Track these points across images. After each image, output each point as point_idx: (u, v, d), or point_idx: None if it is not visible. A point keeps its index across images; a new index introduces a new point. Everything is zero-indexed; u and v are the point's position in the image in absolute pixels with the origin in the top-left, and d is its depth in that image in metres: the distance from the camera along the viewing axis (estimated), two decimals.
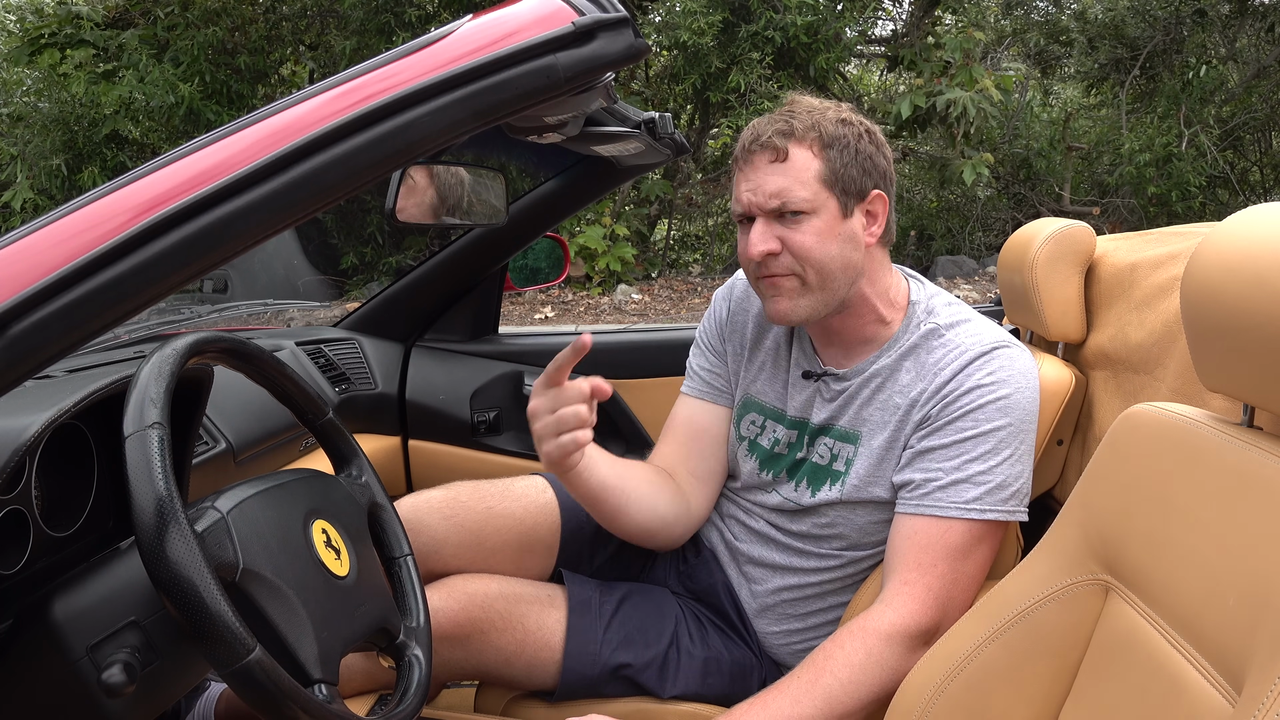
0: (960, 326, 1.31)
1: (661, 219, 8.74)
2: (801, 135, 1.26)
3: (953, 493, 1.24)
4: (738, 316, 1.48)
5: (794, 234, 1.26)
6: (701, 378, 1.51)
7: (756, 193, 1.27)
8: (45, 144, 7.78)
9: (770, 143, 1.26)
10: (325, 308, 3.63)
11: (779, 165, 1.26)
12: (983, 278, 7.94)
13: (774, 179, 1.26)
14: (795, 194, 1.25)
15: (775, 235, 1.27)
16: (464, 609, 1.36)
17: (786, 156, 1.26)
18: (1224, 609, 0.76)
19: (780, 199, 1.25)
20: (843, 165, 1.27)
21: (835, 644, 1.21)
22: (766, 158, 1.27)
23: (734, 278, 1.52)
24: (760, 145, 1.27)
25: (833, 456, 1.35)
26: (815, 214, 1.26)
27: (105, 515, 1.14)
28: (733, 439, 1.47)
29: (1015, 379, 1.26)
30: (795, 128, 1.26)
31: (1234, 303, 0.77)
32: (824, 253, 1.26)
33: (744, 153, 1.29)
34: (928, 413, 1.27)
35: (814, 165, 1.26)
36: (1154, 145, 8.39)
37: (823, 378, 1.37)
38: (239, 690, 0.79)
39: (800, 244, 1.26)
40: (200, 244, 0.75)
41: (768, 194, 1.26)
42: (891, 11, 8.73)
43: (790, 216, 1.26)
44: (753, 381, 1.45)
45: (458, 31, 0.82)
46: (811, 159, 1.26)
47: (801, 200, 1.25)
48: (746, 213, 1.29)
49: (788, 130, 1.26)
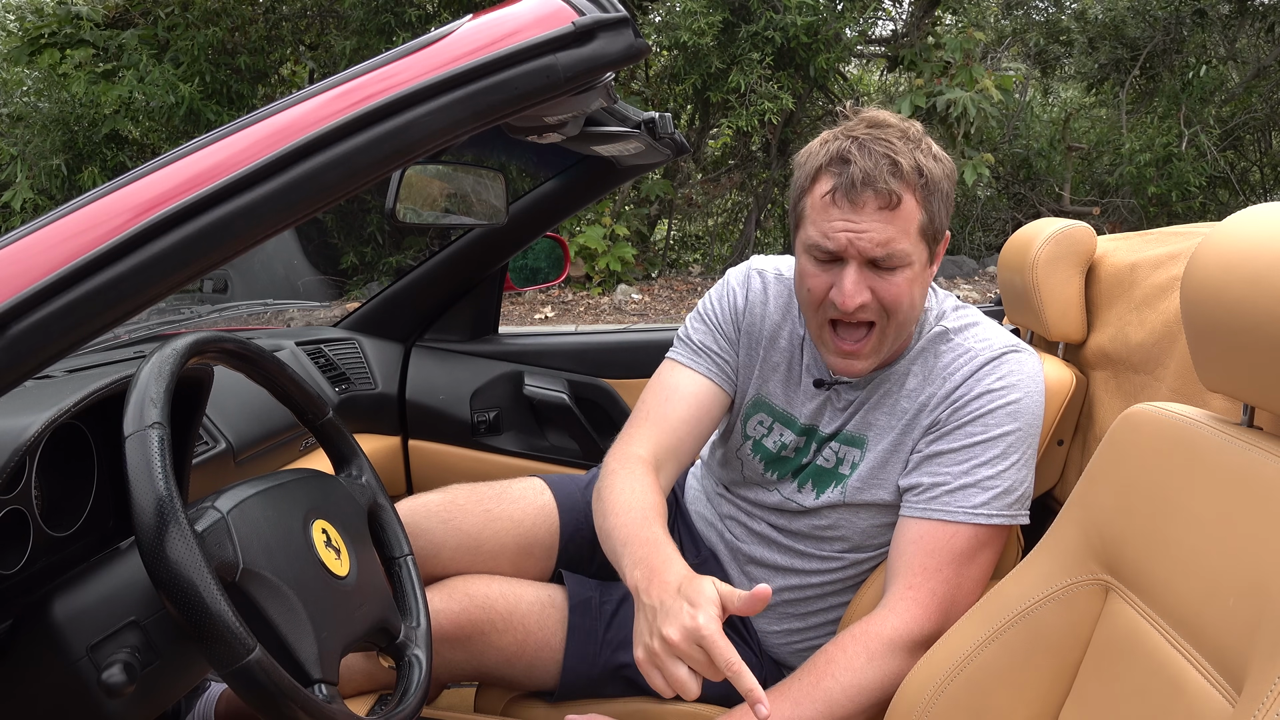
0: (969, 330, 1.30)
1: (661, 219, 8.74)
2: (909, 181, 1.17)
3: (960, 497, 1.23)
4: (755, 310, 1.41)
5: (887, 285, 1.19)
6: (712, 359, 1.41)
7: (862, 238, 1.17)
8: (45, 144, 7.77)
9: (886, 189, 1.16)
10: (325, 308, 3.63)
11: (889, 213, 1.17)
12: (983, 278, 7.94)
13: (883, 228, 1.17)
14: (900, 246, 1.18)
15: (867, 285, 1.20)
16: (464, 610, 1.36)
17: (899, 204, 1.17)
18: (1224, 609, 0.76)
19: (887, 249, 1.17)
20: (936, 213, 1.21)
21: (837, 647, 1.20)
22: (878, 203, 1.16)
23: (748, 268, 1.44)
24: (874, 190, 1.16)
25: (838, 460, 1.35)
26: (909, 266, 1.20)
27: (105, 515, 1.14)
28: (737, 435, 1.45)
29: (1024, 383, 1.26)
30: (903, 169, 1.17)
31: (1234, 303, 0.77)
32: (909, 303, 1.22)
33: (849, 190, 1.17)
34: (937, 417, 1.27)
35: (918, 216, 1.19)
36: (1154, 145, 8.39)
37: (834, 387, 1.35)
38: (239, 690, 0.79)
39: (892, 296, 1.20)
40: (200, 244, 0.75)
41: (875, 242, 1.17)
42: (891, 11, 8.73)
43: (883, 267, 1.19)
44: (765, 382, 1.40)
45: (458, 31, 0.82)
46: (916, 209, 1.19)
47: (904, 254, 1.18)
48: (841, 253, 1.19)
49: (895, 171, 1.16)
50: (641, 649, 1.02)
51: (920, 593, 1.21)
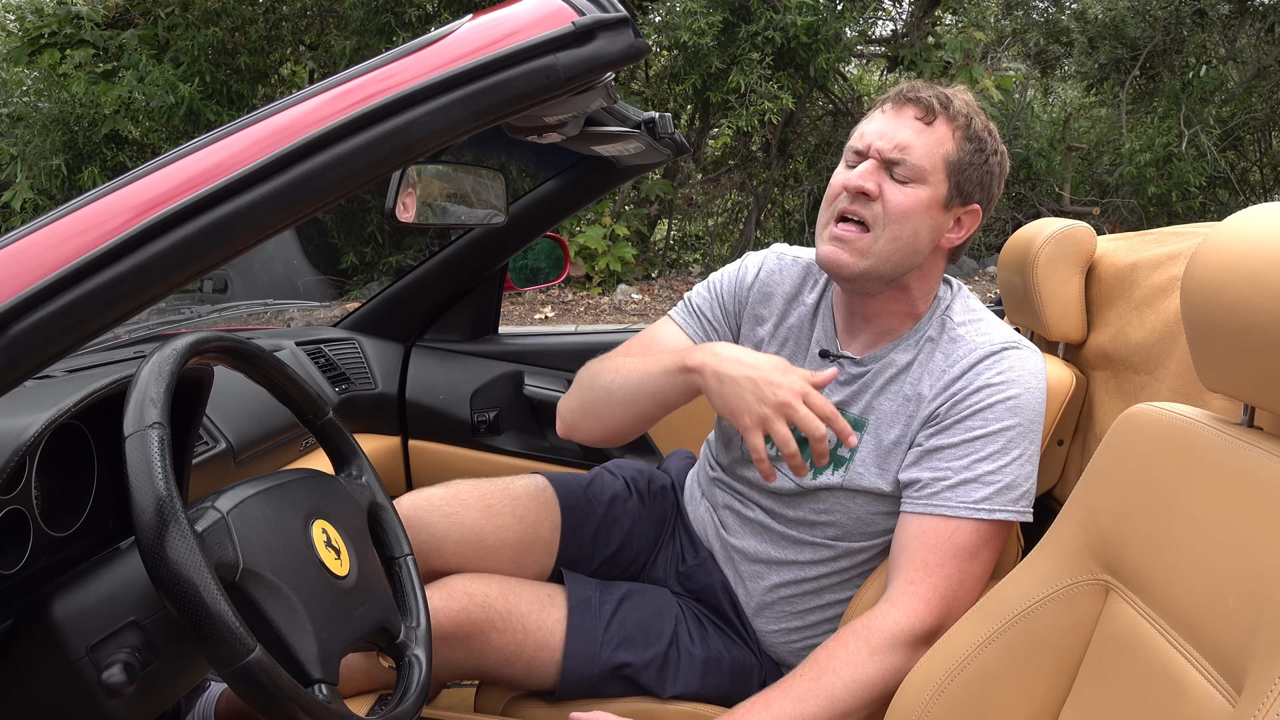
0: (972, 325, 1.31)
1: (661, 219, 8.74)
2: (954, 115, 1.26)
3: (961, 492, 1.23)
4: (767, 287, 1.45)
5: (894, 190, 1.25)
6: (702, 322, 1.47)
7: (883, 136, 1.26)
8: (45, 144, 7.77)
9: (927, 102, 1.25)
10: (325, 308, 3.63)
11: (921, 126, 1.25)
12: (983, 278, 7.94)
13: (909, 134, 1.25)
14: (918, 156, 1.24)
15: (877, 181, 1.25)
16: (464, 609, 1.36)
17: (933, 122, 1.25)
18: (1224, 609, 0.76)
19: (904, 153, 1.24)
20: (969, 163, 1.27)
21: (839, 643, 1.20)
22: (914, 113, 1.26)
23: (768, 250, 1.50)
24: (916, 100, 1.26)
25: (837, 441, 1.35)
26: (923, 185, 1.25)
27: (105, 515, 1.14)
28: None
29: (1025, 379, 1.26)
30: (953, 104, 1.27)
31: (1234, 303, 0.77)
32: (912, 223, 1.26)
33: (897, 98, 1.28)
34: (935, 410, 1.27)
35: (949, 145, 1.26)
36: (1154, 145, 8.39)
37: (838, 360, 1.37)
38: (239, 690, 0.79)
39: (897, 203, 1.25)
40: (200, 244, 0.75)
41: (895, 143, 1.25)
42: (891, 11, 8.73)
43: (900, 175, 1.25)
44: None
45: (458, 31, 0.82)
46: (949, 139, 1.26)
47: (917, 166, 1.24)
48: (864, 150, 1.27)
49: (945, 102, 1.26)
50: (750, 417, 1.19)
51: (922, 588, 1.21)
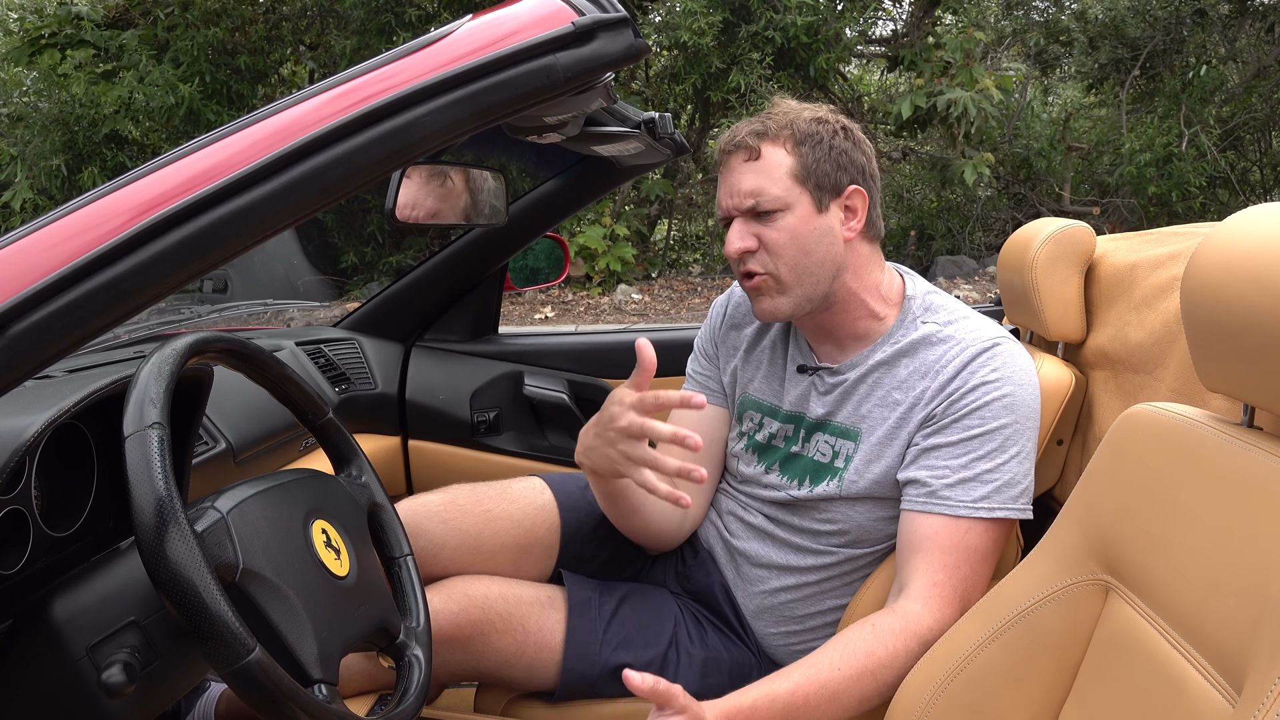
0: (958, 323, 1.31)
1: (661, 219, 8.74)
2: (775, 134, 1.29)
3: (960, 491, 1.23)
4: (734, 319, 1.50)
5: (768, 231, 1.29)
6: (695, 381, 1.54)
7: (731, 194, 1.30)
8: (45, 144, 7.78)
9: (744, 142, 1.30)
10: (325, 308, 3.63)
11: (753, 164, 1.29)
12: (983, 278, 7.94)
13: (748, 178, 1.29)
14: (768, 191, 1.28)
15: (752, 233, 1.30)
16: (464, 610, 1.36)
17: (759, 155, 1.29)
18: (1224, 609, 0.76)
19: (754, 197, 1.28)
20: (815, 161, 1.29)
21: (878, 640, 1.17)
22: (741, 158, 1.30)
23: (734, 284, 1.53)
24: (735, 146, 1.31)
25: (834, 453, 1.35)
26: (788, 210, 1.28)
27: (105, 515, 1.14)
28: (733, 437, 1.47)
29: (1017, 375, 1.26)
30: (769, 127, 1.30)
31: (1234, 303, 0.77)
32: (798, 247, 1.29)
33: (721, 155, 1.33)
34: (932, 410, 1.27)
35: (786, 162, 1.29)
36: (1154, 145, 8.39)
37: (817, 372, 1.37)
38: (239, 690, 0.79)
39: (774, 241, 1.29)
40: (200, 244, 0.75)
41: (742, 193, 1.29)
42: (891, 11, 8.73)
43: (765, 215, 1.29)
44: (750, 380, 1.46)
45: (458, 31, 0.82)
46: (785, 156, 1.29)
47: (774, 198, 1.28)
48: (726, 215, 1.33)
49: (761, 130, 1.30)
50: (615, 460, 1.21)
51: (945, 590, 1.21)
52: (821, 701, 1.13)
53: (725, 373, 1.50)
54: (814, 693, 1.13)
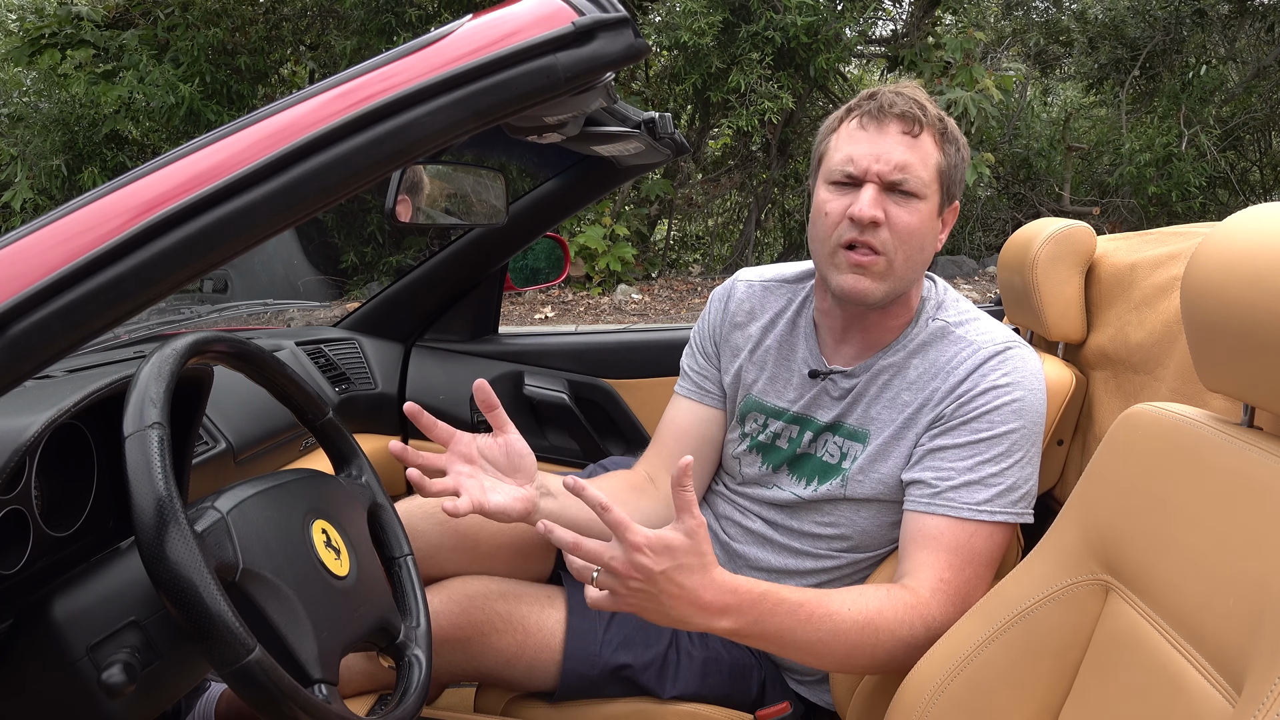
0: (970, 324, 1.31)
1: (661, 219, 8.74)
2: (931, 122, 1.25)
3: (965, 493, 1.23)
4: (737, 318, 1.46)
5: (902, 212, 1.23)
6: (691, 378, 1.51)
7: (880, 159, 1.22)
8: (45, 144, 7.77)
9: (910, 113, 1.23)
10: (325, 308, 3.63)
11: (910, 140, 1.23)
12: (983, 278, 7.94)
13: (903, 151, 1.22)
14: (918, 173, 1.23)
15: (883, 206, 1.23)
16: (464, 611, 1.36)
17: (919, 134, 1.23)
18: (1224, 609, 0.76)
19: (904, 173, 1.22)
20: (951, 166, 1.27)
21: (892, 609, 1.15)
22: (900, 128, 1.23)
23: (733, 279, 1.51)
24: (898, 113, 1.23)
25: (842, 455, 1.35)
26: (924, 200, 1.24)
27: (105, 515, 1.14)
28: (734, 439, 1.46)
29: (1028, 381, 1.26)
30: (928, 111, 1.24)
31: (1234, 303, 0.77)
32: (920, 240, 1.25)
33: (876, 113, 1.24)
34: (941, 412, 1.27)
35: (935, 155, 1.25)
36: (1154, 145, 8.39)
37: (829, 376, 1.36)
38: (239, 690, 0.79)
39: (905, 224, 1.23)
40: (200, 244, 0.75)
41: (894, 163, 1.22)
42: (891, 11, 8.73)
43: (901, 195, 1.23)
44: (755, 382, 1.43)
45: (458, 31, 0.82)
46: (934, 147, 1.25)
47: (921, 183, 1.23)
48: (860, 176, 1.23)
49: (922, 110, 1.24)
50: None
51: (951, 588, 1.20)
52: (821, 630, 1.10)
53: (726, 374, 1.47)
54: (818, 616, 1.10)
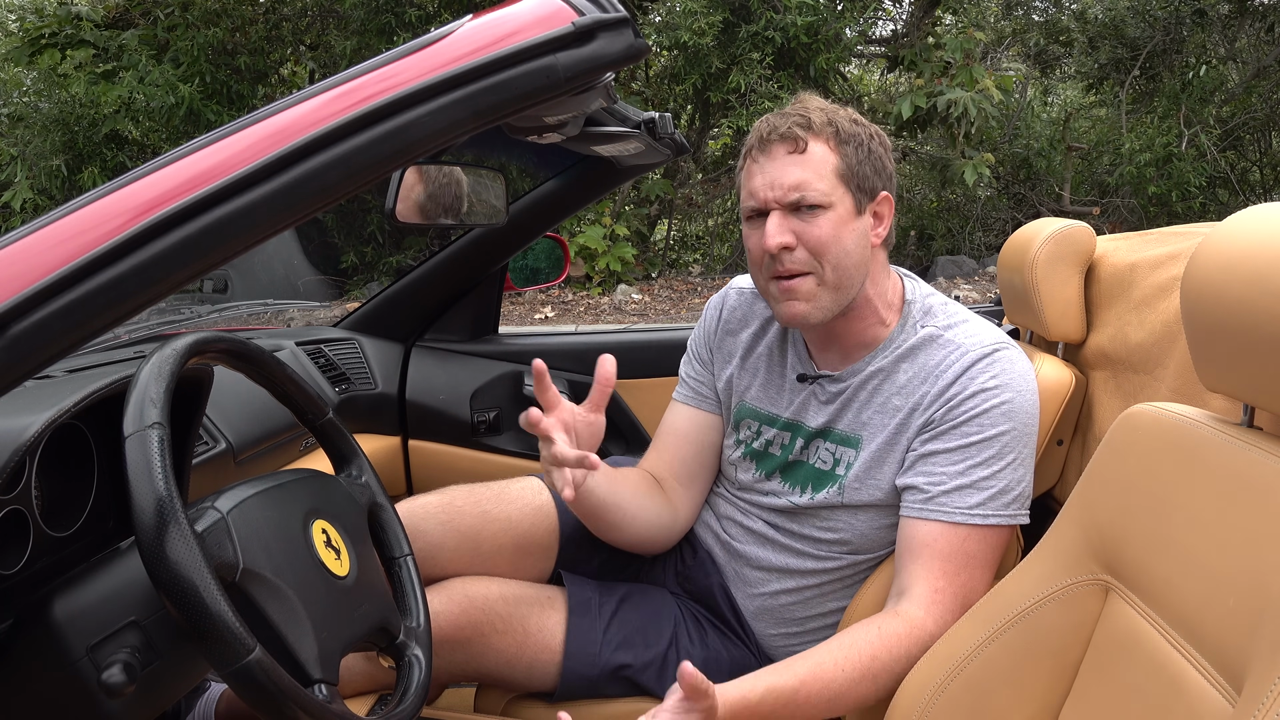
0: (959, 327, 1.31)
1: (661, 219, 8.74)
2: (819, 130, 1.25)
3: (957, 498, 1.23)
4: (730, 324, 1.47)
5: (811, 228, 1.24)
6: (688, 385, 1.51)
7: (774, 186, 1.24)
8: (45, 144, 7.77)
9: (790, 133, 1.24)
10: (325, 308, 3.64)
11: (798, 157, 1.24)
12: (983, 278, 7.94)
13: (793, 170, 1.24)
14: (814, 186, 1.23)
15: (790, 229, 1.24)
16: (464, 611, 1.36)
17: (805, 149, 1.24)
18: (1224, 609, 0.76)
19: (799, 191, 1.23)
20: (857, 162, 1.26)
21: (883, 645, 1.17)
22: (785, 149, 1.25)
23: (728, 287, 1.51)
24: (779, 136, 1.25)
25: (835, 461, 1.35)
26: (832, 208, 1.24)
27: (105, 515, 1.14)
28: (729, 445, 1.46)
29: (1017, 382, 1.26)
30: (813, 122, 1.25)
31: (1234, 303, 0.77)
32: (840, 247, 1.25)
33: (760, 144, 1.27)
34: (931, 416, 1.27)
35: (831, 159, 1.25)
36: (1154, 145, 8.39)
37: (818, 380, 1.36)
38: (239, 690, 0.79)
39: (818, 238, 1.24)
40: (200, 244, 0.75)
41: (786, 186, 1.24)
42: (891, 11, 8.74)
43: (806, 210, 1.24)
44: (747, 388, 1.44)
45: (458, 32, 0.82)
46: (829, 153, 1.25)
47: (820, 193, 1.24)
48: (762, 207, 1.26)
49: (805, 123, 1.25)
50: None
51: (946, 596, 1.21)
52: (823, 701, 1.14)
53: (720, 379, 1.48)
54: (817, 692, 1.13)
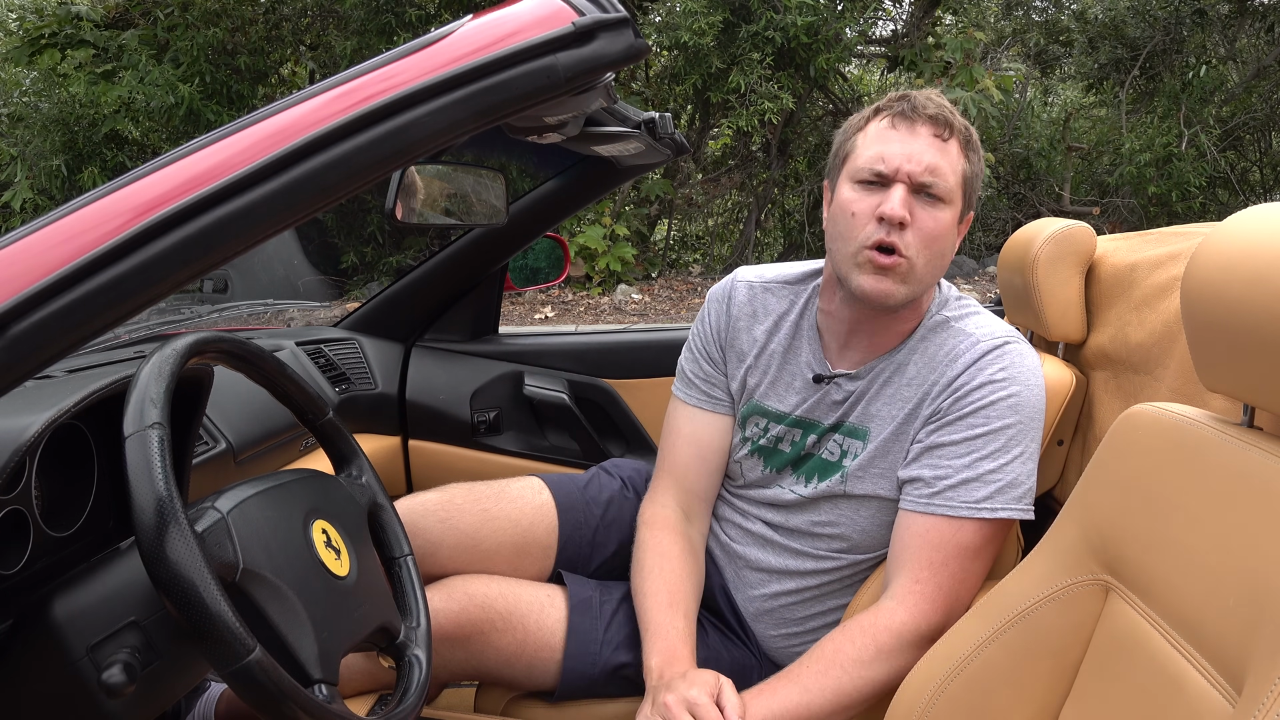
0: (969, 319, 1.31)
1: (661, 219, 8.74)
2: (959, 129, 1.24)
3: (963, 491, 1.23)
4: (740, 321, 1.43)
5: (928, 217, 1.22)
6: (700, 387, 1.46)
7: (913, 159, 1.21)
8: (45, 144, 7.77)
9: (941, 117, 1.22)
10: (325, 308, 3.63)
11: (940, 144, 1.23)
12: (983, 278, 7.94)
13: (933, 155, 1.22)
14: (947, 178, 1.22)
15: (910, 208, 1.21)
16: (464, 610, 1.36)
17: (949, 139, 1.23)
18: (1224, 609, 0.76)
19: (934, 175, 1.21)
20: (973, 174, 1.27)
21: (845, 637, 1.21)
22: (931, 130, 1.22)
23: (731, 280, 1.48)
24: (928, 117, 1.22)
25: (843, 453, 1.35)
26: (949, 206, 1.24)
27: (105, 515, 1.14)
28: (737, 443, 1.45)
29: (1025, 375, 1.26)
30: (956, 119, 1.24)
31: (1234, 303, 0.77)
32: (940, 246, 1.24)
33: (908, 113, 1.23)
34: (938, 406, 1.27)
35: (961, 162, 1.24)
36: (1154, 145, 8.39)
37: (834, 380, 1.35)
38: (239, 690, 0.79)
39: (930, 228, 1.22)
40: (200, 244, 0.75)
41: (925, 164, 1.21)
42: (892, 11, 8.73)
43: (927, 198, 1.22)
44: (758, 386, 1.42)
45: (458, 32, 0.82)
46: (960, 155, 1.25)
47: (947, 188, 1.22)
48: (891, 175, 1.22)
49: (951, 116, 1.23)
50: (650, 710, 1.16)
51: (927, 587, 1.21)
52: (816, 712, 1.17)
53: (734, 379, 1.44)
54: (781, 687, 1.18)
